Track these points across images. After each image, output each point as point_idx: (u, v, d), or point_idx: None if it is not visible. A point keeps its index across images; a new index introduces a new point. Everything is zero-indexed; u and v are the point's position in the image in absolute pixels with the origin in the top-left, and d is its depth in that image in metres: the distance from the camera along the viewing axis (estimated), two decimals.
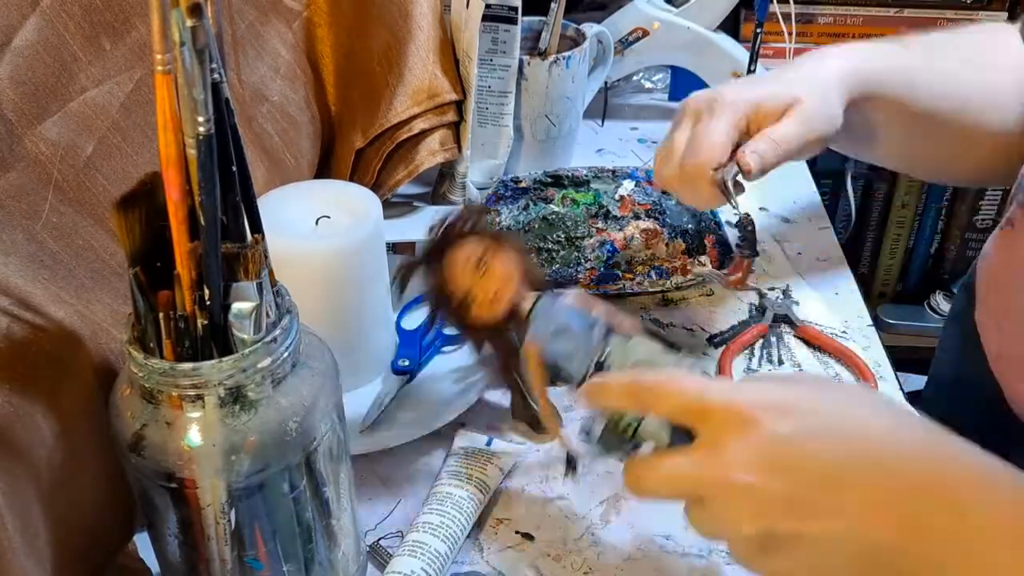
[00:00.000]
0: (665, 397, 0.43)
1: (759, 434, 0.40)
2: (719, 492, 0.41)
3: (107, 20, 0.54)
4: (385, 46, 0.80)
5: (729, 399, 0.41)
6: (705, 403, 0.42)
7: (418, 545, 0.57)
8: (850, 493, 0.39)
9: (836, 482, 0.39)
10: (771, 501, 0.39)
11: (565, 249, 0.83)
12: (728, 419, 0.40)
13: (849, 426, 0.41)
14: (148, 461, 0.46)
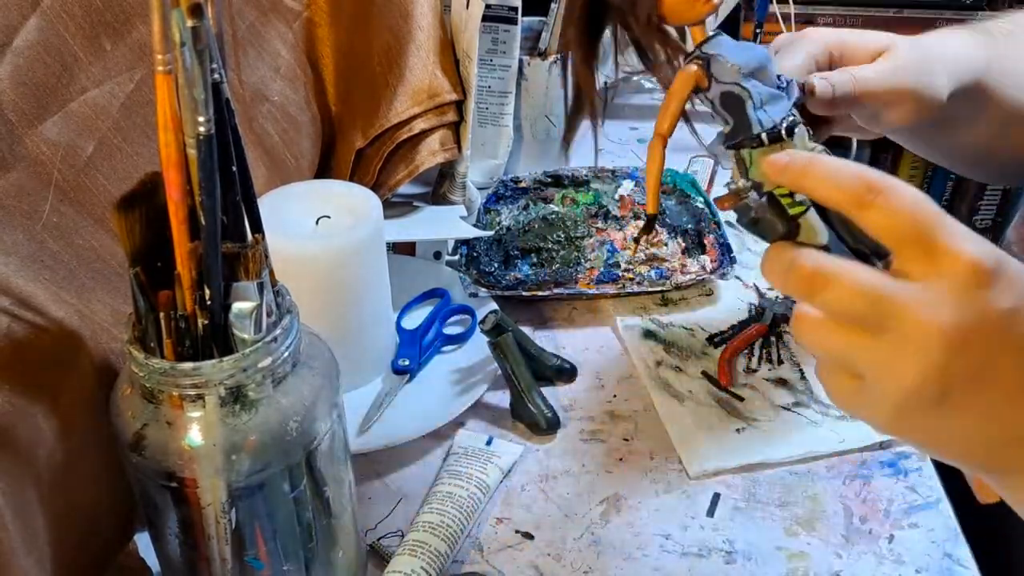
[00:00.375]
0: (897, 210, 0.38)
1: (981, 297, 0.36)
2: (905, 329, 0.37)
3: (108, 20, 0.54)
4: (385, 46, 0.80)
5: (969, 247, 0.37)
6: (941, 237, 0.37)
7: (418, 544, 0.57)
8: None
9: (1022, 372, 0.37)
10: (962, 370, 0.37)
11: (565, 249, 0.84)
12: (956, 265, 0.37)
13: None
14: (149, 461, 0.46)
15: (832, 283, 0.38)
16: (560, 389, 0.73)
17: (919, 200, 0.37)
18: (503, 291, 0.79)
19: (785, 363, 0.75)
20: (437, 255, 0.84)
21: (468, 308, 0.78)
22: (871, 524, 0.62)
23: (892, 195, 0.38)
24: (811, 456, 0.67)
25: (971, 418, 0.38)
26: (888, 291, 0.37)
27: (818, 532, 0.61)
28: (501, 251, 0.83)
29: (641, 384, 0.74)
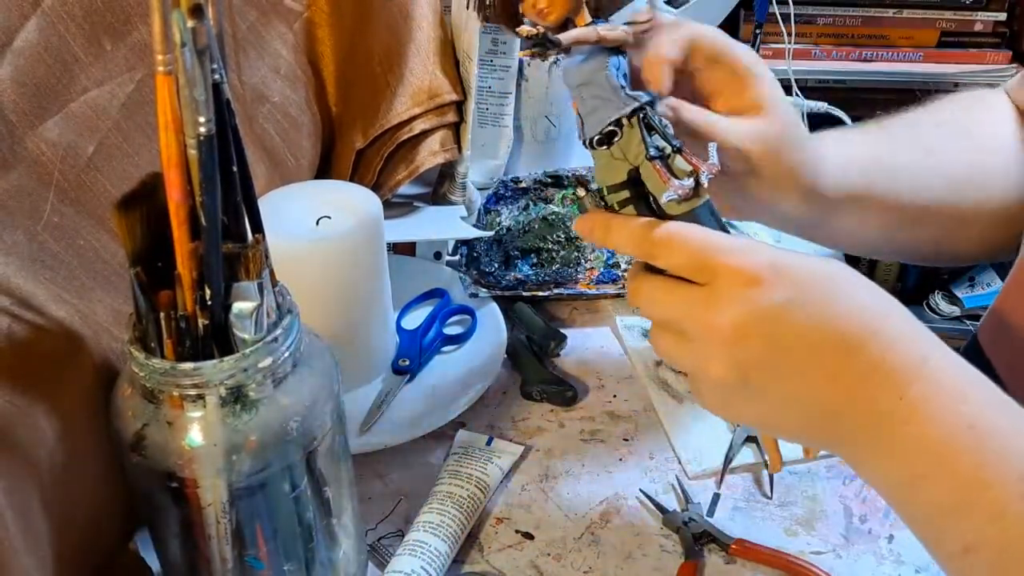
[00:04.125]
0: (675, 249, 0.45)
1: (756, 298, 0.43)
2: (703, 333, 0.44)
3: (108, 21, 0.54)
4: (386, 47, 0.80)
5: (735, 259, 0.44)
6: (713, 259, 0.44)
7: (419, 544, 0.57)
8: (818, 365, 0.43)
9: (810, 353, 0.43)
10: (748, 358, 0.44)
11: (565, 249, 0.84)
12: (728, 274, 0.44)
13: (832, 309, 0.44)
14: (149, 461, 0.46)
15: (646, 294, 0.47)
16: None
17: (692, 238, 0.45)
18: (503, 291, 0.79)
19: None
20: (437, 255, 0.84)
21: (468, 308, 0.78)
22: (871, 524, 0.62)
23: (669, 244, 0.45)
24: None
25: (775, 400, 0.45)
26: (688, 306, 0.45)
27: (818, 532, 0.61)
28: (501, 251, 0.83)
29: (641, 384, 0.74)
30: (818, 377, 0.44)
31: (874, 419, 0.43)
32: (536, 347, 0.76)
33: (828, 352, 0.43)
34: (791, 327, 0.43)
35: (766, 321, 0.43)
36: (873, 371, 0.43)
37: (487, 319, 0.77)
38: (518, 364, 0.75)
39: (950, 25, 1.26)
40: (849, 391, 0.43)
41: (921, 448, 0.42)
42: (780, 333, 0.43)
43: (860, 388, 0.43)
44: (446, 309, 0.79)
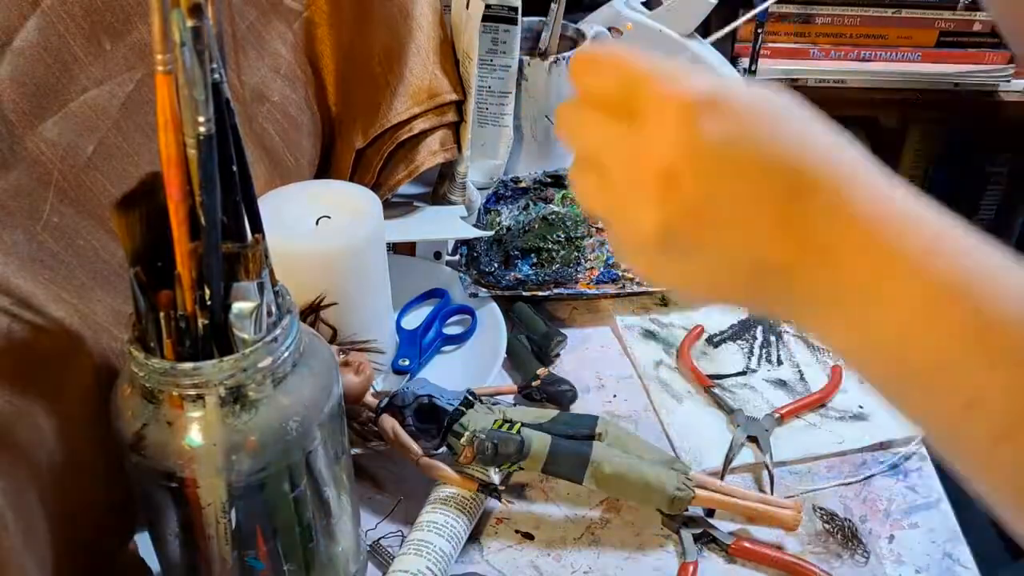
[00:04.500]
0: (603, 70, 0.39)
1: (691, 132, 0.36)
2: (629, 174, 0.38)
3: (108, 20, 0.54)
4: (385, 46, 0.80)
5: (674, 89, 0.37)
6: (646, 87, 0.37)
7: (423, 544, 0.57)
8: (763, 211, 0.37)
9: (754, 197, 0.37)
10: (680, 205, 0.37)
11: (565, 249, 0.84)
12: (667, 108, 0.36)
13: (779, 146, 0.37)
14: (149, 460, 0.46)
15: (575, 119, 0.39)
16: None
17: (624, 59, 0.38)
18: (503, 291, 0.79)
19: (785, 363, 0.75)
20: (437, 255, 0.84)
21: (468, 308, 0.78)
22: (871, 524, 0.62)
23: (598, 64, 0.39)
24: (811, 456, 0.67)
25: (708, 256, 0.38)
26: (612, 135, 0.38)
27: (818, 532, 0.61)
28: (501, 251, 0.83)
29: (641, 384, 0.74)
30: (762, 225, 0.37)
31: (833, 278, 0.37)
32: (536, 347, 0.76)
33: (773, 195, 0.37)
34: (730, 168, 0.37)
35: (701, 162, 0.36)
36: (827, 219, 0.37)
37: (487, 319, 0.77)
38: (518, 364, 0.75)
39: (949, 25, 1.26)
40: (800, 243, 0.37)
41: (897, 309, 0.37)
42: (717, 176, 0.36)
43: (813, 239, 0.37)
44: (446, 309, 0.79)
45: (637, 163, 0.37)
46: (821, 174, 0.37)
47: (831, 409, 0.70)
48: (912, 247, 0.37)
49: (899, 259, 0.36)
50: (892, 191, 0.38)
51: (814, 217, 0.37)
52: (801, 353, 0.76)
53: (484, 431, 0.60)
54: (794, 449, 0.67)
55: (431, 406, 0.62)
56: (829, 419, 0.69)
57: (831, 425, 0.69)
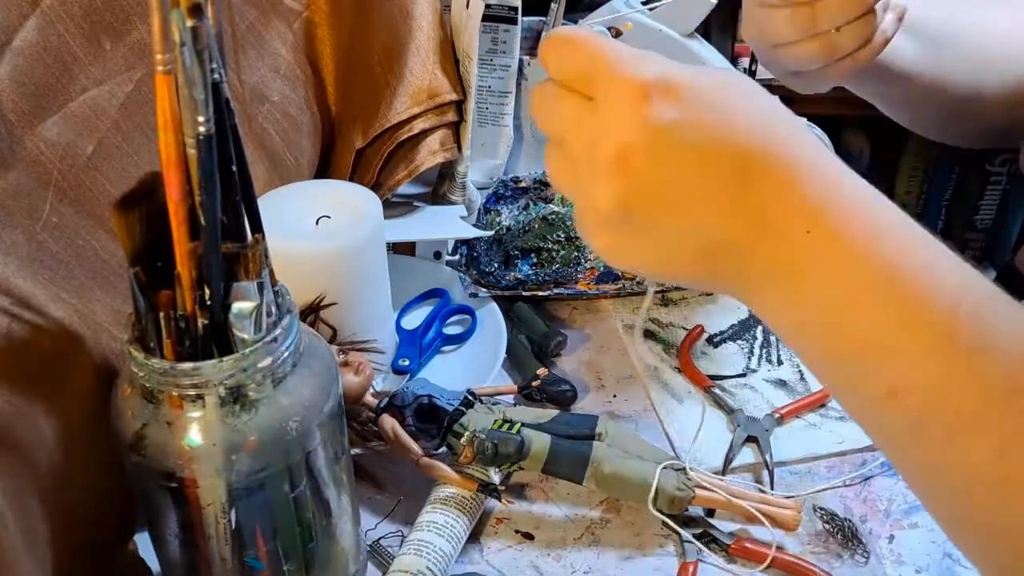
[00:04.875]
0: (565, 55, 0.40)
1: (643, 115, 0.38)
2: (587, 156, 0.39)
3: (107, 20, 0.54)
4: (385, 46, 0.80)
5: (629, 73, 0.38)
6: (602, 72, 0.39)
7: (423, 544, 0.57)
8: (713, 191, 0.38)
9: (704, 177, 0.38)
10: (633, 187, 0.38)
11: (565, 249, 0.83)
12: (622, 91, 0.38)
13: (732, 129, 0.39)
14: (149, 461, 0.46)
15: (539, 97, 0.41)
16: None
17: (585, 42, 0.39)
18: (503, 291, 0.79)
19: (785, 363, 0.75)
20: (437, 255, 0.84)
21: (468, 308, 0.78)
22: (871, 524, 0.62)
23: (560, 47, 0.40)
24: (811, 456, 0.67)
25: (660, 234, 0.40)
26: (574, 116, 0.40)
27: (818, 532, 0.61)
28: (501, 251, 0.83)
29: (641, 384, 0.74)
30: (713, 205, 0.38)
31: (778, 256, 0.38)
32: (536, 347, 0.76)
33: (725, 176, 0.38)
34: (681, 149, 0.38)
35: (653, 143, 0.37)
36: (777, 199, 0.38)
37: (487, 319, 0.77)
38: (518, 364, 0.75)
39: None
40: (749, 222, 0.38)
41: (835, 290, 0.38)
42: (668, 156, 0.38)
43: (762, 218, 0.38)
44: (446, 309, 0.79)
45: (594, 143, 0.38)
46: (772, 157, 0.38)
47: (831, 409, 0.70)
48: (855, 234, 0.38)
49: (841, 243, 0.38)
50: (843, 179, 0.39)
51: (762, 197, 0.38)
52: None
53: (484, 431, 0.60)
54: (794, 449, 0.67)
55: (431, 406, 0.62)
56: (829, 419, 0.69)
57: (831, 425, 0.69)
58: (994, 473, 0.36)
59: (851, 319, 0.38)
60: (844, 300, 0.38)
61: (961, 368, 0.36)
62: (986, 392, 0.36)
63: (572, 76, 0.40)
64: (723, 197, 0.38)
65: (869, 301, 0.38)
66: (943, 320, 0.37)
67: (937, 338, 0.37)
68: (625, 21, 1.00)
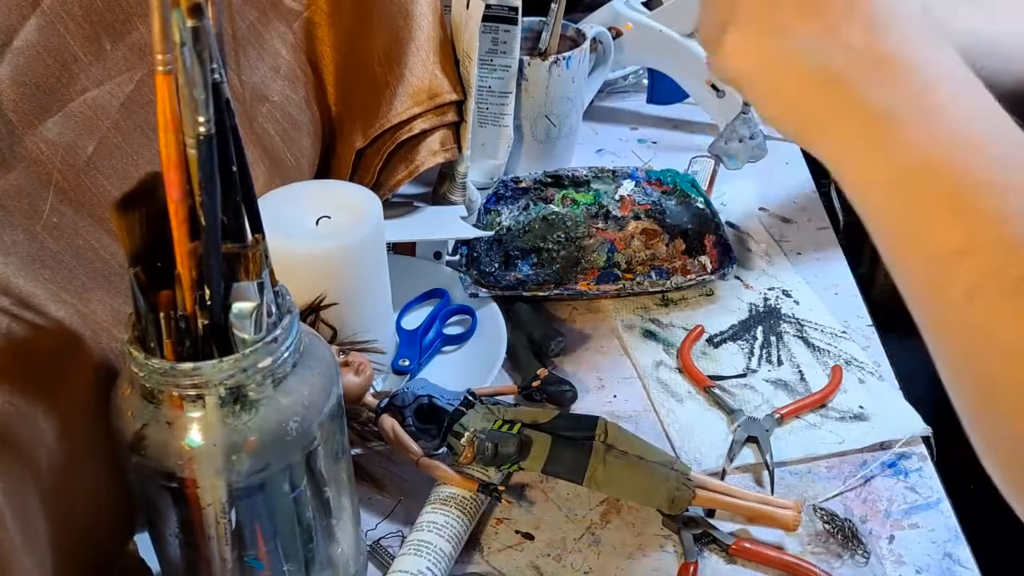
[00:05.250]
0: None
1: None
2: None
3: (108, 20, 0.54)
4: (385, 46, 0.80)
5: None
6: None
7: (423, 544, 0.57)
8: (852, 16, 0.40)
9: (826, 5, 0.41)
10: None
11: (565, 249, 0.84)
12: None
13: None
14: (149, 461, 0.46)
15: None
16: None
17: None
18: (503, 291, 0.79)
19: (785, 364, 0.75)
20: (437, 255, 0.84)
21: (468, 308, 0.78)
22: (871, 524, 0.62)
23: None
24: (811, 457, 0.67)
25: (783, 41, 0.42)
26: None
27: (818, 532, 0.61)
28: (501, 251, 0.83)
29: (641, 384, 0.74)
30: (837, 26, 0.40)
31: (880, 89, 0.40)
32: (536, 347, 0.76)
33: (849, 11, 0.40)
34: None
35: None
36: (899, 50, 0.39)
37: (487, 319, 0.77)
38: (518, 364, 0.75)
39: None
40: (863, 51, 0.40)
41: (928, 136, 0.39)
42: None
43: (877, 49, 0.40)
44: (446, 309, 0.79)
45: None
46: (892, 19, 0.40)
47: (831, 409, 0.70)
48: (963, 89, 0.39)
49: (944, 90, 0.39)
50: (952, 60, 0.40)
51: (883, 35, 0.39)
52: (801, 353, 0.76)
53: (484, 431, 0.60)
54: (794, 449, 0.67)
55: (431, 406, 0.62)
56: (829, 419, 0.69)
57: (831, 425, 0.69)
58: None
59: (938, 166, 0.38)
60: (936, 146, 0.38)
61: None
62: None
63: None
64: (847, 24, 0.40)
65: (963, 148, 0.38)
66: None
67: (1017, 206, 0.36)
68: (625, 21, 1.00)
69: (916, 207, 0.39)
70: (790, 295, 0.82)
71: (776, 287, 0.83)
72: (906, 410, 0.69)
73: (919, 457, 0.66)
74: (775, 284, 0.83)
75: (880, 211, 0.41)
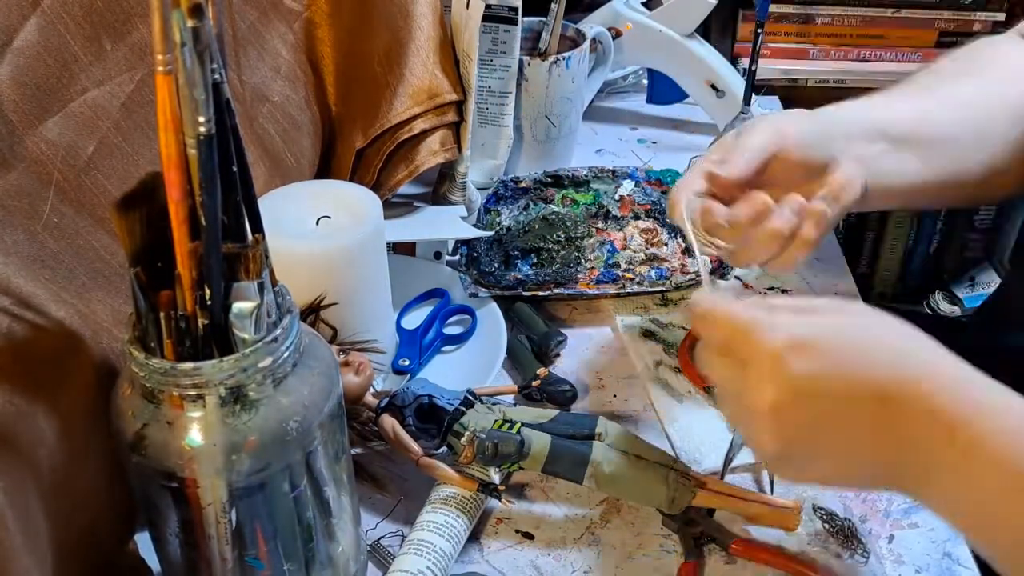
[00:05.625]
0: (712, 327, 0.48)
1: (786, 374, 0.44)
2: (748, 410, 0.46)
3: (108, 21, 0.54)
4: (386, 46, 0.80)
5: (766, 339, 0.45)
6: (742, 342, 0.46)
7: (423, 544, 0.57)
8: (861, 424, 0.44)
9: (850, 414, 0.44)
10: (791, 432, 0.45)
11: (565, 249, 0.84)
12: (762, 356, 0.45)
13: (866, 371, 0.45)
14: (149, 460, 0.46)
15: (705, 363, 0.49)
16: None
17: (724, 315, 0.47)
18: (503, 291, 0.79)
19: None
20: (437, 255, 0.84)
21: (468, 308, 0.78)
22: (871, 524, 0.62)
23: (707, 320, 0.48)
24: None
25: (828, 463, 0.47)
26: (732, 387, 0.48)
27: (818, 532, 0.61)
28: (501, 251, 0.83)
29: (641, 384, 0.74)
30: (863, 435, 0.45)
31: (929, 466, 0.44)
32: (536, 347, 0.76)
33: (867, 410, 0.44)
34: (824, 396, 0.44)
35: (799, 396, 0.44)
36: (916, 421, 0.43)
37: (487, 319, 0.77)
38: (518, 364, 0.75)
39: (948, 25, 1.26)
40: (898, 442, 0.44)
41: (981, 492, 0.43)
42: (813, 405, 0.45)
43: (908, 438, 0.44)
44: (446, 309, 0.79)
45: (750, 399, 0.45)
46: (908, 386, 0.44)
47: None
48: (996, 438, 0.42)
49: (982, 449, 0.42)
50: (980, 391, 0.44)
51: (904, 424, 0.44)
52: None
53: (484, 431, 0.60)
54: None
55: (431, 406, 0.62)
56: None
57: None
58: None
59: (1001, 513, 0.43)
60: (991, 497, 0.43)
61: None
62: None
63: (721, 345, 0.47)
64: (870, 427, 0.44)
65: (1016, 497, 0.42)
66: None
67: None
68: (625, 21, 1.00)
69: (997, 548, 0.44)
70: (790, 295, 0.82)
71: (776, 287, 0.83)
72: None
73: None
74: (775, 284, 0.83)
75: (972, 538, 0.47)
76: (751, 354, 0.45)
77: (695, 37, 1.01)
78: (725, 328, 0.47)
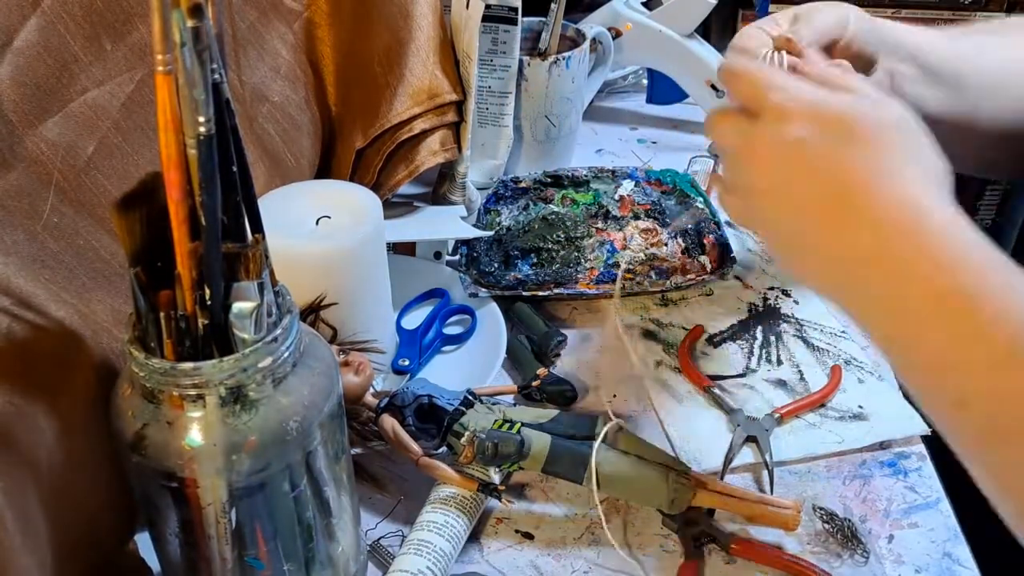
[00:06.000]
0: (740, 81, 0.50)
1: (781, 131, 0.47)
2: (743, 153, 0.49)
3: (108, 21, 0.54)
4: (386, 46, 0.80)
5: (779, 98, 0.47)
6: (764, 95, 0.48)
7: (423, 544, 0.57)
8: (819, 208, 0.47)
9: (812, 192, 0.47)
10: (764, 182, 0.48)
11: (565, 249, 0.84)
12: (772, 111, 0.47)
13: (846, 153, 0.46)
14: (149, 460, 0.46)
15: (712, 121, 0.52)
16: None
17: (754, 73, 0.50)
18: (503, 291, 0.79)
19: (784, 364, 0.75)
20: (437, 255, 0.84)
21: (468, 308, 0.78)
22: (871, 524, 0.62)
23: (736, 76, 0.50)
24: (810, 456, 0.67)
25: (784, 230, 0.49)
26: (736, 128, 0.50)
27: (818, 532, 0.61)
28: (501, 251, 0.83)
29: (641, 384, 0.74)
30: (818, 218, 0.47)
31: (869, 269, 0.45)
32: (536, 347, 0.76)
33: (829, 196, 0.46)
34: (800, 164, 0.47)
35: (782, 153, 0.47)
36: (870, 221, 0.45)
37: (487, 319, 0.77)
38: (518, 364, 0.75)
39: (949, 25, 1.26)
40: (844, 239, 0.46)
41: (916, 303, 0.44)
42: (790, 168, 0.47)
43: (856, 237, 0.45)
44: (446, 309, 0.79)
45: (749, 148, 0.49)
46: (871, 194, 0.45)
47: (831, 409, 0.70)
48: (932, 259, 0.43)
49: (915, 268, 0.44)
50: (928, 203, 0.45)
51: (856, 220, 0.45)
52: (801, 353, 0.76)
53: (484, 431, 0.60)
54: (794, 449, 0.67)
55: (431, 406, 0.62)
56: (829, 419, 0.69)
57: (831, 425, 0.69)
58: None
59: (926, 333, 0.43)
60: (921, 314, 0.44)
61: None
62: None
63: (744, 97, 0.49)
64: (826, 214, 0.46)
65: (941, 319, 0.43)
66: (1011, 335, 0.41)
67: (1002, 352, 0.41)
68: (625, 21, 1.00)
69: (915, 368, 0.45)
70: (790, 295, 0.82)
71: (776, 287, 0.83)
72: (905, 410, 0.69)
73: (918, 457, 0.66)
74: (775, 284, 0.83)
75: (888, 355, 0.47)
76: (765, 107, 0.48)
77: (695, 37, 1.01)
78: (746, 86, 0.49)
